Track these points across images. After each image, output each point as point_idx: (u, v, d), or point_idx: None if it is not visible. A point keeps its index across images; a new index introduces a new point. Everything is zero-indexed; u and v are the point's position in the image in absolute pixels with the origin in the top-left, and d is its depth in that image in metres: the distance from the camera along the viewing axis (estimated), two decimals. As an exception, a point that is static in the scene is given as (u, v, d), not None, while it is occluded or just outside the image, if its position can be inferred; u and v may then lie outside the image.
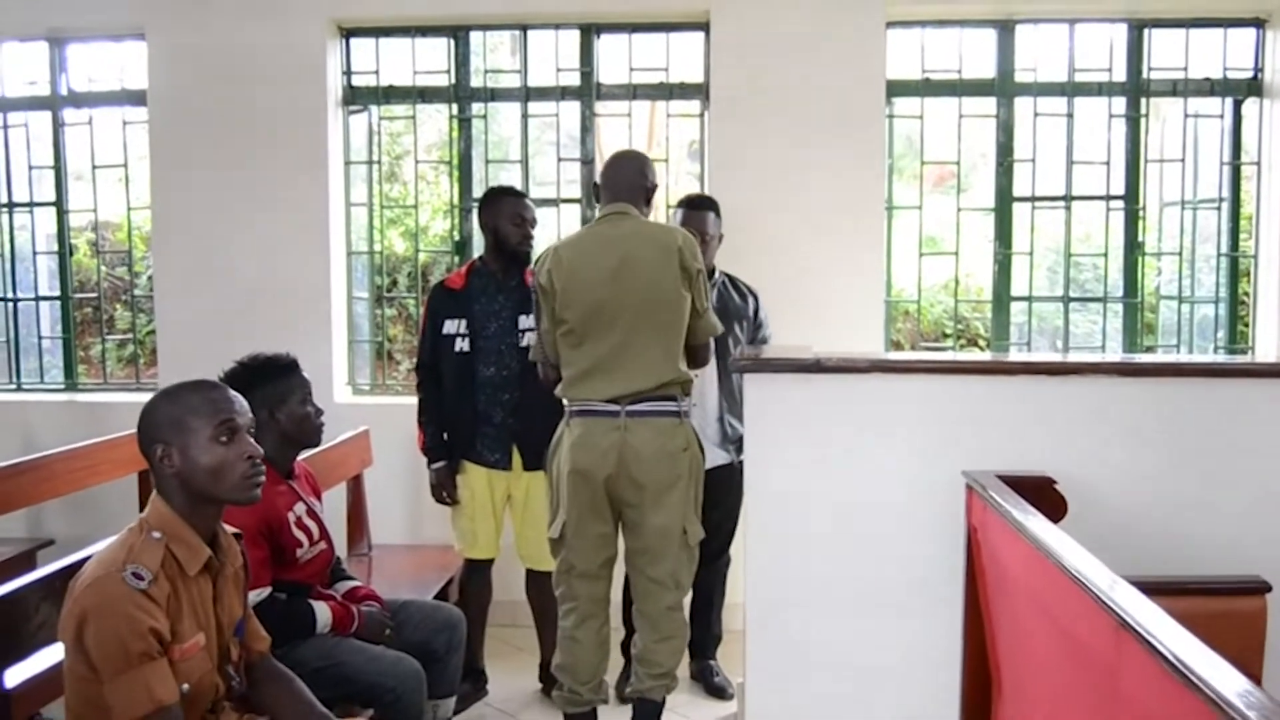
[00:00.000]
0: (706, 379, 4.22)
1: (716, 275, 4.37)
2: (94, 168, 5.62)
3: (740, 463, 4.20)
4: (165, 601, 2.29)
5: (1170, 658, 1.73)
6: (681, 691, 4.29)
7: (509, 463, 4.19)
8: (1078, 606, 2.14)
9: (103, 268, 6.36)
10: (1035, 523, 2.55)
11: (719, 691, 4.44)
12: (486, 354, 4.16)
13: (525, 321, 4.13)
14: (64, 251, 5.71)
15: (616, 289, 3.46)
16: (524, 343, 4.09)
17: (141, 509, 4.49)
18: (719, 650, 4.58)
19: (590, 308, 3.48)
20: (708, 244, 4.22)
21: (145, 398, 4.85)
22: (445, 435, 4.26)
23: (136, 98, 5.45)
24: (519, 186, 5.43)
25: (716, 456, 4.21)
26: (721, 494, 4.16)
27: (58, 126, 5.61)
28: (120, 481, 4.73)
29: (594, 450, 3.47)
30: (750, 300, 4.44)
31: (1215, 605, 2.75)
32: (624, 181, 3.64)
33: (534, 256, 4.17)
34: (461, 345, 4.16)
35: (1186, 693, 1.67)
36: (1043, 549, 2.36)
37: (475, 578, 4.36)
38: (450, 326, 4.19)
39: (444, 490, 4.24)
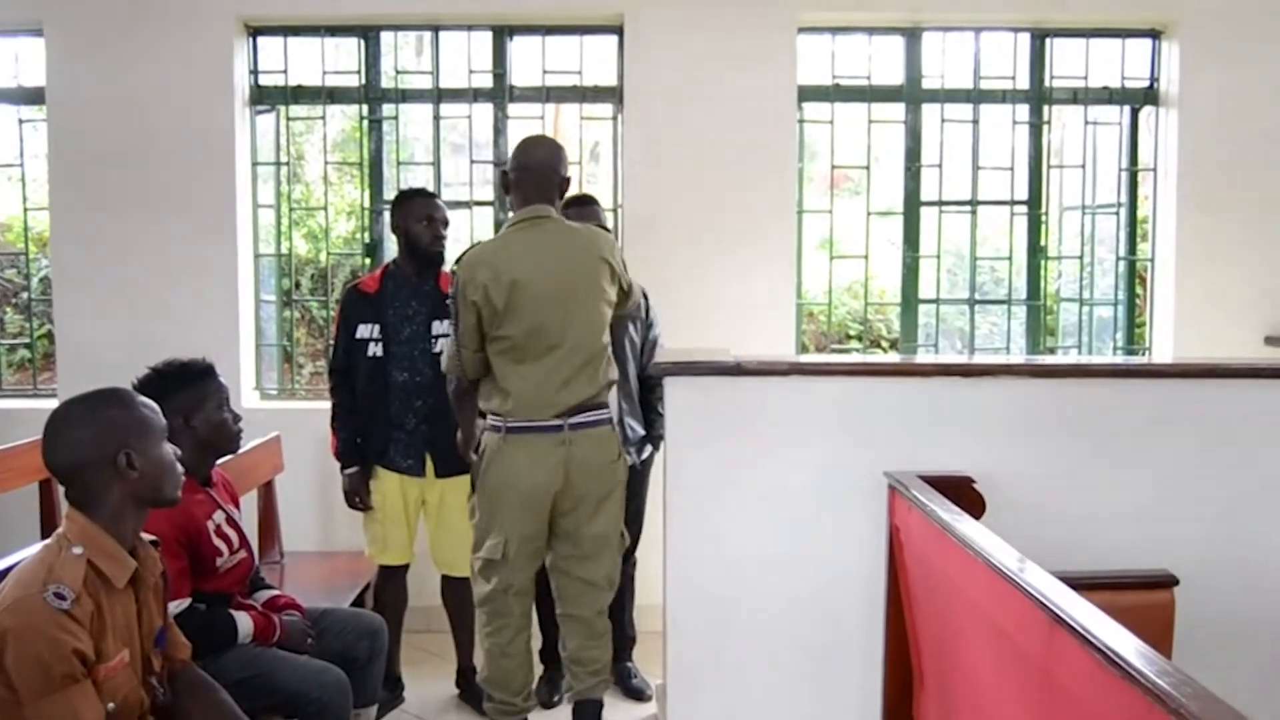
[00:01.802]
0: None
1: None
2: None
3: (641, 464, 4.29)
4: (89, 620, 2.23)
5: (1105, 650, 1.79)
6: (613, 694, 4.31)
7: (422, 469, 4.13)
8: (1010, 604, 2.19)
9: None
10: (964, 523, 2.60)
11: (637, 694, 4.43)
12: (400, 359, 4.10)
13: (439, 327, 4.08)
14: (-44, 253, 5.52)
15: (560, 309, 3.41)
16: (437, 348, 4.05)
17: (43, 519, 4.42)
18: (634, 651, 4.57)
19: (534, 327, 3.40)
20: None
21: (44, 404, 4.73)
22: (358, 440, 4.18)
23: (34, 95, 5.29)
24: (430, 188, 5.40)
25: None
26: (628, 496, 4.14)
27: (-50, 124, 5.42)
28: (19, 492, 4.57)
29: (543, 468, 3.43)
30: (643, 300, 4.34)
31: (1125, 599, 2.84)
32: (540, 178, 3.55)
33: (447, 258, 4.19)
34: (375, 350, 4.10)
35: (1122, 684, 1.72)
36: (973, 549, 2.42)
37: (389, 584, 4.29)
38: (364, 330, 4.12)
39: (357, 496, 4.17)
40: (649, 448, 4.34)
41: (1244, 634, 3.40)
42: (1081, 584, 2.17)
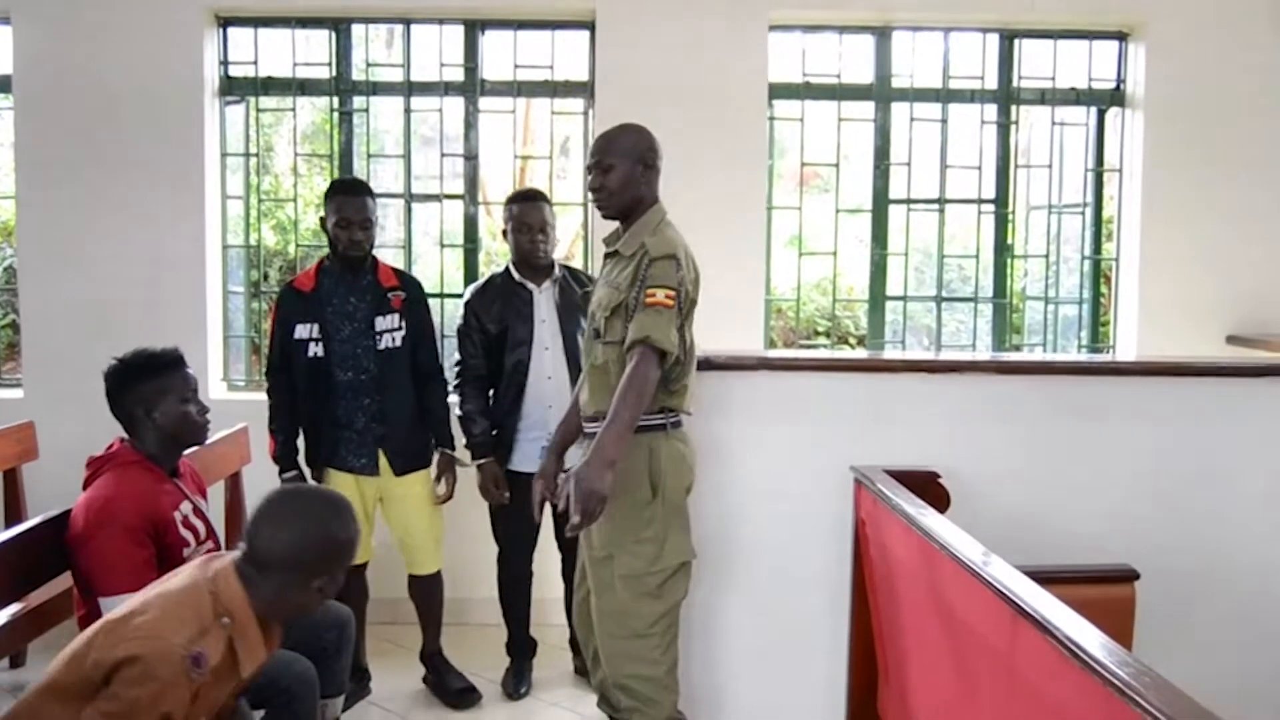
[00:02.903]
0: (559, 380, 4.14)
1: (556, 270, 4.28)
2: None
3: None
4: (197, 691, 2.28)
5: (1067, 642, 1.82)
6: (578, 686, 4.32)
7: (376, 468, 4.07)
8: (974, 597, 2.22)
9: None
10: (930, 518, 2.64)
11: None
12: (342, 358, 4.02)
13: (382, 323, 4.05)
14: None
15: None
16: (381, 345, 4.03)
17: (7, 508, 4.39)
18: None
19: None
20: (548, 234, 4.21)
21: (8, 395, 4.70)
22: (299, 442, 4.14)
23: (1, 82, 5.24)
24: (400, 182, 5.40)
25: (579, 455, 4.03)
26: None
27: (-86, 111, 5.37)
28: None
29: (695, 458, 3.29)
30: None
31: (1088, 593, 2.88)
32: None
33: (367, 258, 4.09)
34: (315, 350, 4.01)
35: (1084, 675, 1.75)
36: (938, 543, 2.45)
37: (350, 582, 4.19)
38: (302, 331, 4.02)
39: None
40: None
41: (1203, 627, 3.46)
42: (1044, 578, 2.21)
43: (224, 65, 5.29)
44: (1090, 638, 1.86)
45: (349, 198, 4.04)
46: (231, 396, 5.28)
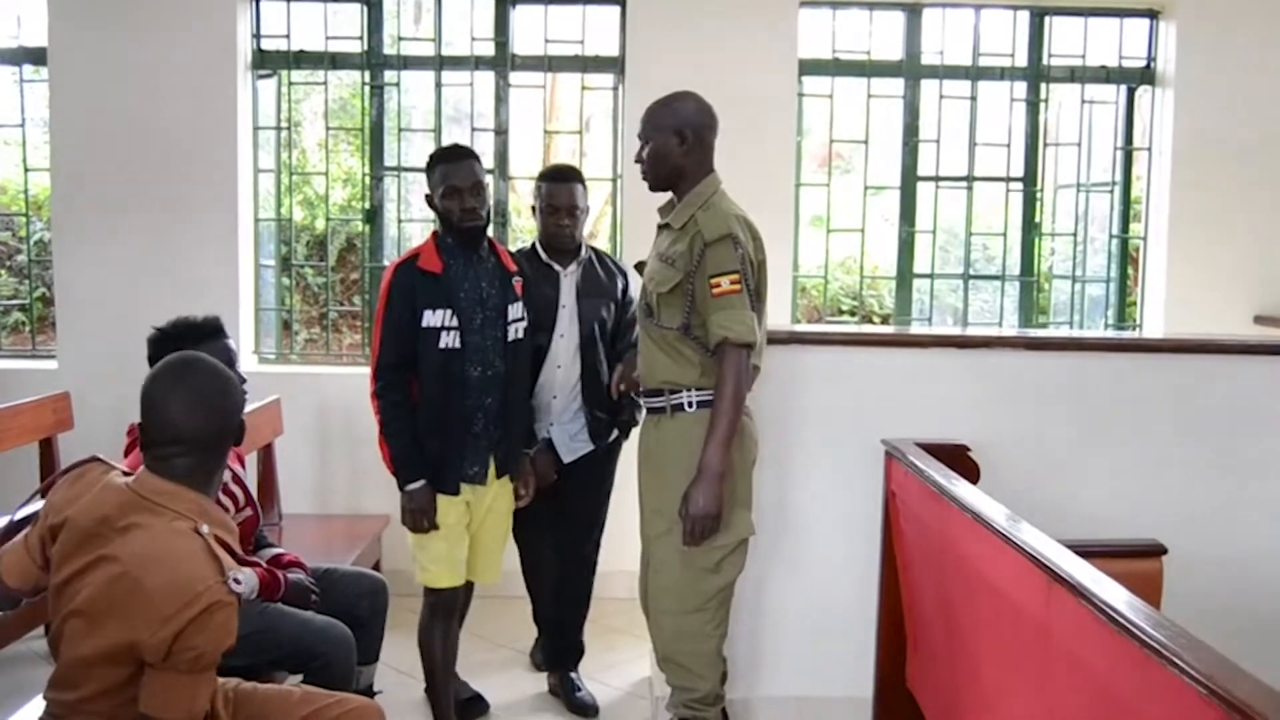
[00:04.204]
0: (568, 369, 3.92)
1: (584, 252, 4.02)
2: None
3: (608, 450, 4.05)
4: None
5: (1102, 606, 1.85)
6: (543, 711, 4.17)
7: (486, 475, 3.56)
8: (1007, 563, 2.25)
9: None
10: (961, 487, 2.67)
11: (582, 709, 4.07)
12: (474, 351, 3.47)
13: (514, 310, 3.58)
14: (-45, 214, 5.54)
15: None
16: (510, 336, 3.55)
17: (43, 479, 4.45)
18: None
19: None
20: (577, 218, 3.95)
21: (43, 365, 4.75)
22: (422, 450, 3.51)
23: (35, 56, 5.30)
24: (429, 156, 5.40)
25: (579, 448, 3.94)
26: (595, 483, 4.05)
27: (-52, 84, 5.43)
28: (15, 451, 4.59)
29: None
30: (619, 279, 4.10)
31: (1115, 567, 2.88)
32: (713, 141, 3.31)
33: (486, 230, 3.59)
34: (449, 340, 3.42)
35: (1120, 638, 1.78)
36: (970, 511, 2.48)
37: (446, 609, 3.65)
38: (433, 318, 3.42)
39: (425, 516, 3.47)
40: (616, 432, 4.04)
41: (1230, 602, 3.47)
42: (1072, 551, 2.23)
43: (256, 39, 5.33)
44: (1124, 600, 1.89)
45: (454, 164, 3.53)
46: (263, 369, 5.33)
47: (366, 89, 5.42)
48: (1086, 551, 2.71)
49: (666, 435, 3.19)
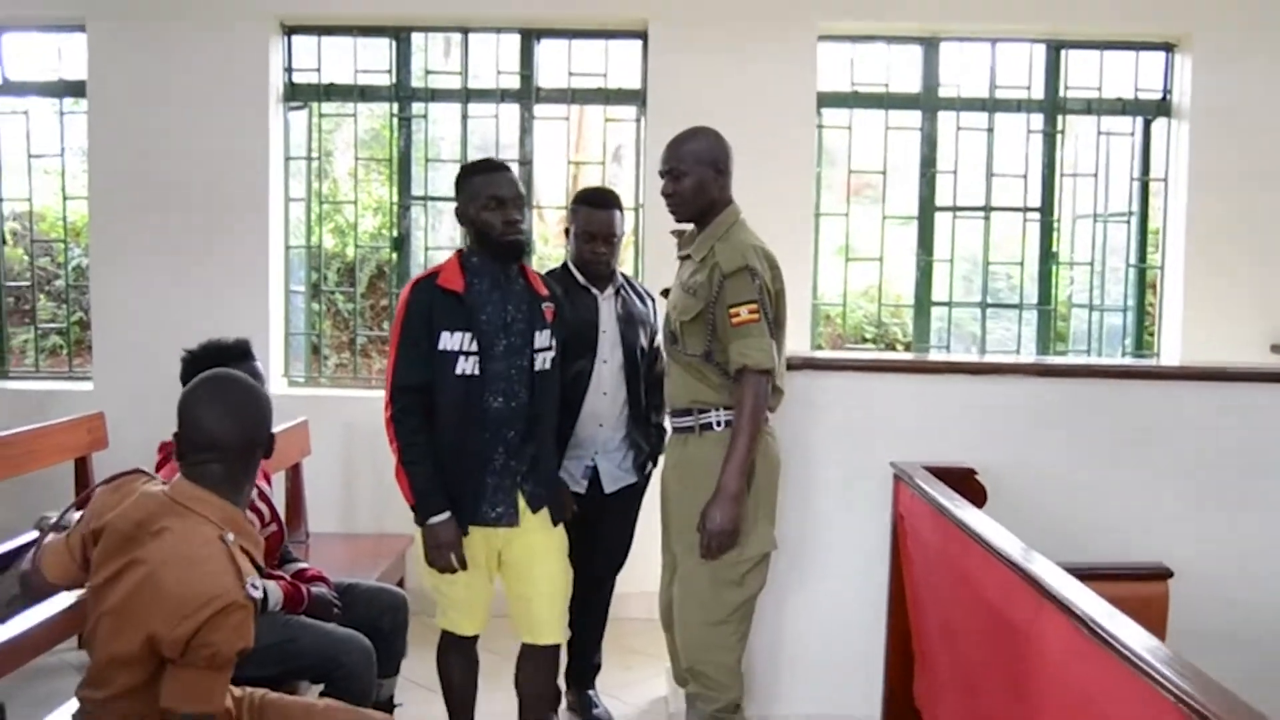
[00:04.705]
0: (613, 396, 3.84)
1: (618, 278, 3.97)
2: (30, 157, 5.62)
3: (644, 481, 4.00)
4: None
5: (1086, 620, 1.91)
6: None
7: (515, 515, 3.29)
8: (1003, 584, 2.31)
9: (32, 258, 6.33)
10: (962, 509, 2.74)
11: None
12: (494, 379, 3.21)
13: (542, 338, 3.30)
14: (-1, 241, 5.70)
15: None
16: (538, 365, 3.28)
17: (79, 493, 4.57)
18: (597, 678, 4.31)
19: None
20: (613, 246, 3.88)
21: (79, 387, 4.88)
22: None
23: (75, 89, 5.47)
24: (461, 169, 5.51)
25: (623, 478, 3.89)
26: (628, 514, 4.03)
27: (-7, 115, 5.60)
28: (52, 469, 4.72)
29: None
30: (650, 304, 4.05)
31: (1121, 589, 2.95)
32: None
33: (526, 247, 3.43)
34: (466, 366, 3.18)
35: (1100, 651, 1.85)
36: (968, 532, 2.55)
37: (459, 656, 3.47)
38: (451, 340, 3.18)
39: (451, 551, 3.19)
40: (650, 465, 3.98)
41: (1237, 627, 3.51)
42: (1079, 574, 2.29)
43: (288, 72, 5.48)
44: (1116, 620, 1.94)
45: (494, 174, 3.28)
46: (292, 392, 5.46)
47: (395, 120, 5.56)
48: (1091, 574, 2.77)
49: (695, 453, 3.28)
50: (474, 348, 3.18)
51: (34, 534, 2.87)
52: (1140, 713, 1.77)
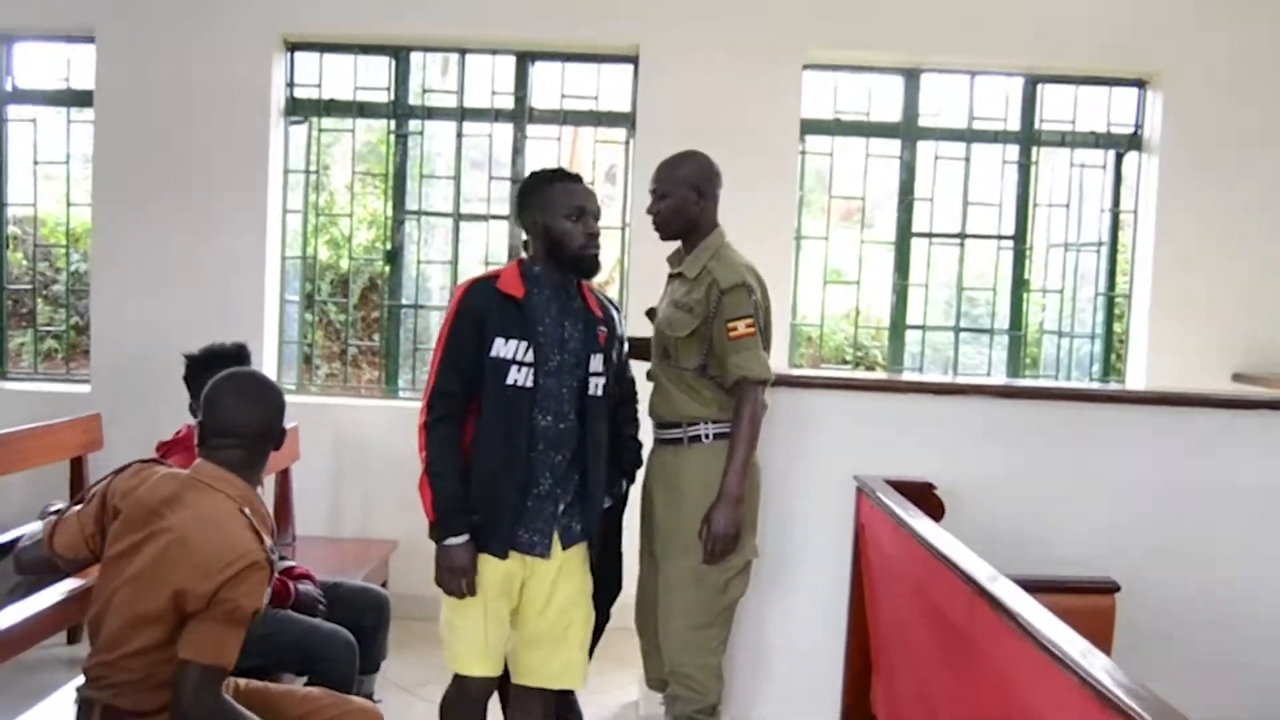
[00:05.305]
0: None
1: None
2: (35, 164, 5.77)
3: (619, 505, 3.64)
4: None
5: (1019, 619, 2.07)
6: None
7: (549, 546, 3.02)
8: (950, 591, 2.48)
9: (33, 263, 6.47)
10: (917, 520, 2.90)
11: None
12: (545, 395, 2.98)
13: (596, 362, 3.07)
14: (1, 245, 5.84)
15: None
16: (591, 390, 3.05)
17: (74, 494, 4.71)
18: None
19: None
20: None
21: (77, 389, 5.01)
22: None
23: (82, 98, 5.63)
24: (450, 202, 5.70)
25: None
26: (614, 541, 3.58)
27: (0, 123, 5.75)
28: (47, 468, 4.88)
29: None
30: (616, 314, 3.48)
31: (1070, 602, 3.12)
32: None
33: (602, 264, 3.19)
34: (519, 378, 2.93)
35: (1032, 649, 2.00)
36: (923, 543, 2.71)
37: (471, 699, 3.10)
38: (505, 348, 2.93)
39: (465, 577, 2.94)
40: (625, 482, 3.55)
41: (1181, 641, 3.67)
42: (1030, 586, 2.44)
43: (290, 87, 5.66)
44: (1059, 631, 2.07)
45: (578, 185, 3.09)
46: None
47: (392, 136, 5.73)
48: (1042, 587, 2.93)
49: (684, 464, 3.42)
50: (530, 358, 2.93)
51: (32, 525, 3.02)
52: (1059, 699, 1.92)
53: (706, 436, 3.40)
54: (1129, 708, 1.70)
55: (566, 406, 3.00)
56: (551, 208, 3.01)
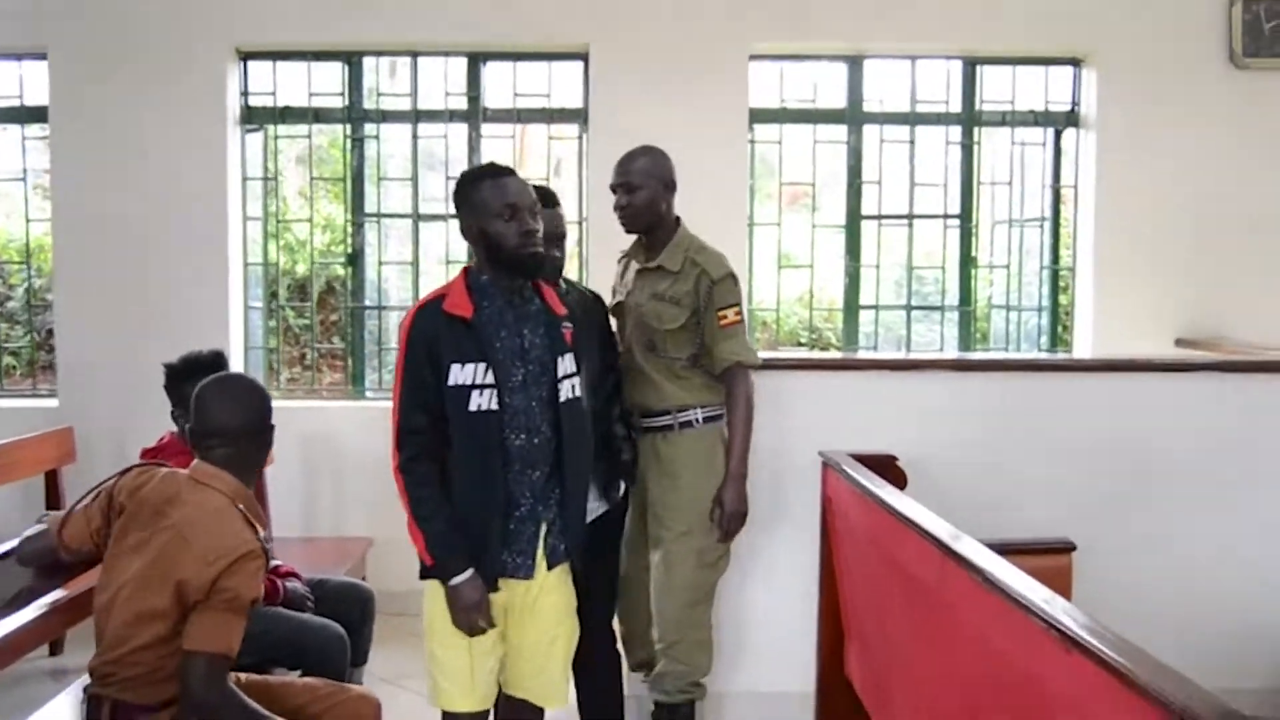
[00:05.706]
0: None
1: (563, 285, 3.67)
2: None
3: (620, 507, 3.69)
4: None
5: (985, 573, 2.21)
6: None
7: (533, 567, 2.88)
8: (912, 546, 2.62)
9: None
10: (882, 489, 3.04)
11: None
12: (514, 414, 2.82)
13: (565, 364, 2.90)
14: (-42, 261, 5.87)
15: None
16: (562, 395, 2.87)
17: (49, 505, 4.75)
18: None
19: None
20: (561, 247, 3.54)
21: (44, 404, 5.05)
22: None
23: (37, 115, 5.66)
24: (408, 204, 5.78)
25: (593, 510, 3.31)
26: (611, 546, 3.65)
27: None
28: (20, 483, 4.93)
29: None
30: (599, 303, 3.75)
31: (1029, 562, 3.24)
32: None
33: (545, 265, 2.97)
34: (482, 402, 2.76)
35: (997, 600, 2.14)
36: (885, 507, 2.85)
37: None
38: (462, 374, 2.76)
39: (479, 613, 2.77)
40: (623, 485, 3.63)
41: (1134, 595, 3.83)
42: (990, 549, 2.58)
43: (244, 96, 5.71)
44: (1018, 578, 2.21)
45: (506, 179, 2.86)
46: (252, 403, 5.65)
47: (347, 141, 5.80)
48: (1002, 549, 3.08)
49: (678, 448, 3.53)
50: (489, 379, 2.76)
51: (12, 542, 3.18)
52: (1046, 660, 2.04)
53: (697, 421, 3.52)
54: (1089, 644, 1.84)
55: (539, 420, 2.84)
56: (483, 209, 2.82)
